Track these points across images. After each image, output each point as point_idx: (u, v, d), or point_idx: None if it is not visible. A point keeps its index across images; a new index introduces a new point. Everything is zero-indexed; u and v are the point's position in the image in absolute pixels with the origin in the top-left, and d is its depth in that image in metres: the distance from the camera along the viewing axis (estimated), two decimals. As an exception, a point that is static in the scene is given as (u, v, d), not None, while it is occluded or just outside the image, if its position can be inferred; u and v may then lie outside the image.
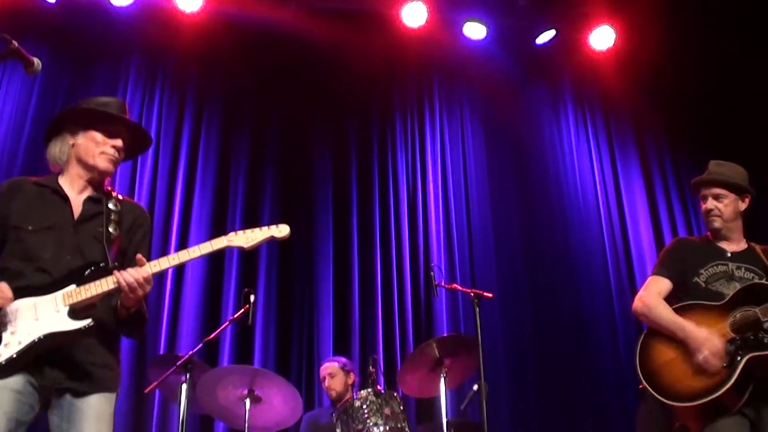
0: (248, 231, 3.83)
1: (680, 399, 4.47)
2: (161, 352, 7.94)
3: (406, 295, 8.97)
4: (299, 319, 8.76)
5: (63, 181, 3.92)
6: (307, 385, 8.35)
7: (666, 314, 4.73)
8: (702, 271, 4.82)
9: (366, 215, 9.30)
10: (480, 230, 9.50)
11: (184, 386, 5.86)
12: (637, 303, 4.91)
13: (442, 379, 6.25)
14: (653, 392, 4.55)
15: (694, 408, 4.43)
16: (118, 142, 3.93)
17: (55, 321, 3.57)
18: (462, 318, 8.80)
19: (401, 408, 5.94)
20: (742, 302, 4.58)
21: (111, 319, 3.77)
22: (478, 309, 6.13)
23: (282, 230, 3.86)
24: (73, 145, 3.92)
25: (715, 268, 4.82)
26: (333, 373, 7.25)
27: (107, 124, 3.91)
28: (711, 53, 9.56)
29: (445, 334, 8.11)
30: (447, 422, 6.12)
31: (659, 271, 4.98)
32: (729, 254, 4.89)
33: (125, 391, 7.64)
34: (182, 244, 8.46)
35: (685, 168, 10.19)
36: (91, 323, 3.59)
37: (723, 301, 4.64)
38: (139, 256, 3.68)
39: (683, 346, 4.57)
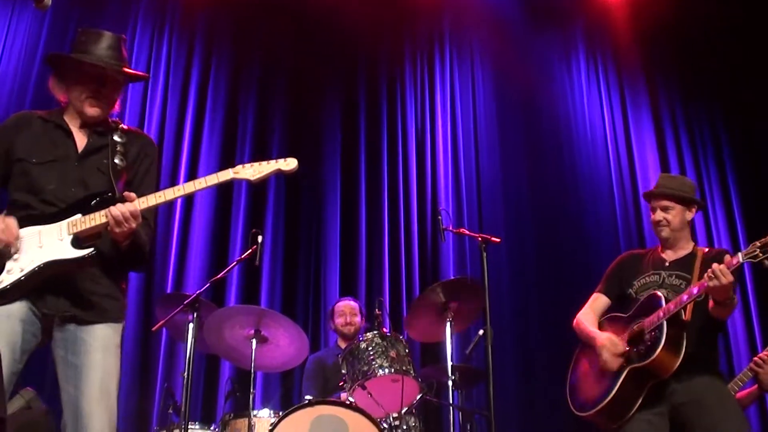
0: (255, 164, 3.82)
1: (584, 409, 4.94)
2: (168, 291, 7.97)
3: (413, 238, 8.99)
4: (306, 261, 8.80)
5: (67, 116, 3.91)
6: (314, 326, 8.42)
7: (584, 327, 5.16)
8: (635, 282, 5.12)
9: (374, 159, 9.30)
10: (488, 176, 9.49)
11: (191, 325, 5.85)
12: (574, 322, 5.30)
13: (448, 324, 6.26)
14: (569, 402, 5.11)
15: (595, 415, 4.86)
16: (104, 89, 3.88)
17: (58, 249, 3.59)
18: (469, 262, 8.83)
19: (407, 351, 5.94)
20: (641, 314, 4.87)
21: (115, 250, 3.76)
22: (485, 254, 6.11)
23: (289, 163, 3.85)
24: (66, 90, 3.90)
25: (648, 278, 5.09)
26: (355, 312, 7.32)
27: (92, 70, 3.84)
28: (723, 2, 9.48)
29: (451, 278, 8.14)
30: (452, 366, 6.15)
31: (599, 287, 5.34)
32: (668, 263, 5.11)
33: (132, 329, 7.71)
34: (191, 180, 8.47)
35: (696, 117, 10.15)
36: (93, 252, 3.60)
37: (628, 313, 4.99)
38: (127, 193, 3.66)
39: (596, 356, 4.94)
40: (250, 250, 6.17)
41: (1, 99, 8.18)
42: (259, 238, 6.14)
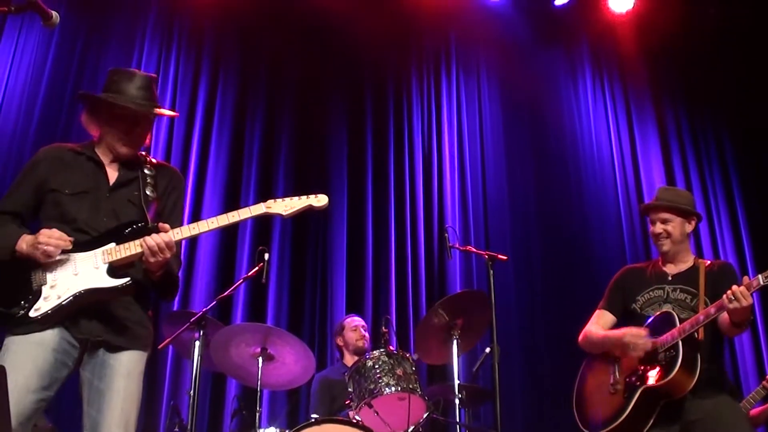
0: (287, 199, 3.88)
1: (593, 427, 4.86)
2: (175, 308, 7.95)
3: (419, 256, 8.98)
4: (312, 278, 8.78)
5: (99, 149, 3.98)
6: (320, 344, 8.40)
7: (597, 334, 5.09)
8: (639, 297, 5.05)
9: (381, 175, 9.30)
10: (495, 192, 9.49)
11: (197, 343, 5.86)
12: (580, 337, 5.25)
13: (455, 342, 6.25)
14: (577, 419, 5.02)
15: None
16: (136, 128, 3.95)
17: (95, 277, 3.66)
18: (475, 280, 8.83)
19: (413, 368, 5.92)
20: (653, 332, 4.80)
21: (148, 279, 3.83)
22: (492, 271, 6.11)
23: (321, 200, 3.95)
24: (99, 127, 3.97)
25: (652, 293, 5.02)
26: (366, 327, 7.33)
27: (125, 111, 3.90)
28: (728, 16, 9.48)
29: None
30: (459, 384, 6.14)
31: (602, 304, 5.26)
32: (670, 277, 5.05)
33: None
34: (196, 204, 8.50)
35: (702, 132, 10.17)
36: (130, 281, 3.68)
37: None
38: (161, 224, 3.72)
39: (606, 373, 4.95)
40: (257, 268, 6.17)
41: (9, 116, 8.21)
42: (266, 256, 6.14)
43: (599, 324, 5.18)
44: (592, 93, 10.32)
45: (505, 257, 6.29)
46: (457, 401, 6.09)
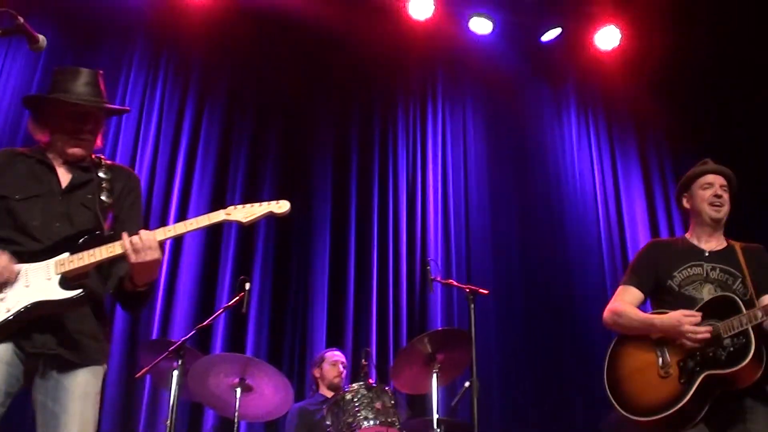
0: (247, 205, 3.78)
1: (639, 412, 4.41)
2: (154, 336, 7.90)
3: (401, 289, 8.96)
4: (293, 309, 8.73)
5: (50, 153, 3.86)
6: (299, 376, 8.33)
7: (636, 315, 4.64)
8: (676, 273, 4.67)
9: (364, 207, 9.28)
10: (478, 226, 9.49)
11: (176, 372, 5.82)
12: (606, 314, 4.78)
13: (435, 375, 6.23)
14: (614, 403, 4.53)
15: (653, 423, 4.35)
16: (86, 126, 3.85)
17: (46, 289, 3.51)
18: (456, 314, 8.81)
19: (392, 402, 5.91)
20: (709, 314, 4.42)
21: (102, 290, 3.74)
22: (473, 305, 6.11)
23: (282, 206, 3.79)
24: (47, 130, 3.87)
25: (689, 269, 4.67)
26: (345, 363, 7.30)
27: (72, 109, 3.81)
28: (716, 56, 9.55)
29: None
30: (438, 419, 6.10)
31: (629, 279, 4.86)
32: (707, 254, 4.72)
33: (115, 375, 7.62)
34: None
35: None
36: (82, 293, 3.53)
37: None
38: (124, 233, 3.59)
39: (652, 354, 4.51)
40: (238, 297, 6.15)
41: (-6, 140, 8.16)
42: (247, 285, 6.12)
43: (629, 302, 4.73)
44: (576, 129, 10.36)
45: (486, 291, 6.28)
46: (436, 435, 6.05)
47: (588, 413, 8.72)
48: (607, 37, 10.17)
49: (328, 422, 5.91)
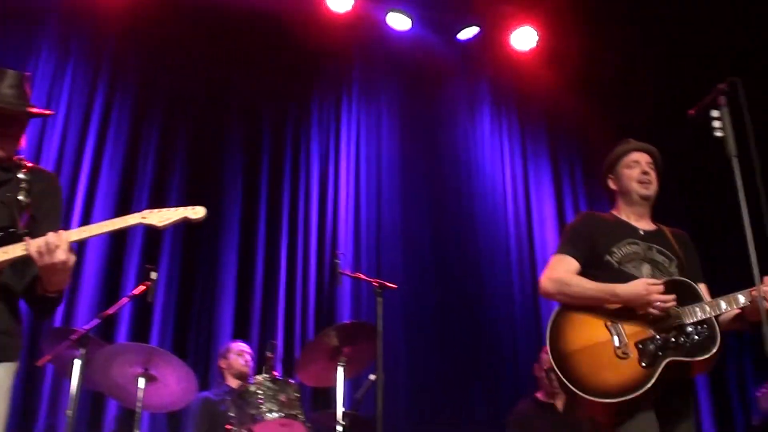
0: (163, 210, 3.77)
1: (596, 393, 4.05)
2: (56, 324, 7.76)
3: (310, 281, 8.94)
4: (200, 300, 8.65)
5: None
6: (204, 367, 8.25)
7: (589, 283, 4.33)
8: (615, 249, 4.45)
9: (275, 198, 9.23)
10: (389, 221, 9.53)
11: (78, 361, 5.72)
12: (547, 283, 4.47)
13: (341, 369, 6.23)
14: (564, 380, 4.13)
15: (614, 405, 4.03)
16: (9, 130, 3.80)
17: None
18: (364, 308, 8.82)
19: (297, 395, 5.92)
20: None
21: (18, 287, 3.68)
22: (380, 299, 6.14)
23: (198, 212, 3.79)
24: None
25: (628, 246, 4.46)
26: (251, 353, 7.28)
27: None
28: (628, 58, 9.71)
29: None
30: (342, 412, 6.11)
31: (565, 249, 4.57)
32: (641, 232, 4.55)
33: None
34: (86, 219, 8.28)
35: (594, 171, 10.36)
36: None
37: None
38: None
39: (604, 331, 4.19)
40: (143, 287, 6.08)
41: None
42: (153, 275, 6.05)
43: (569, 272, 4.45)
44: (489, 127, 10.47)
45: (394, 286, 6.33)
46: (339, 429, 6.05)
47: (493, 408, 8.84)
48: (524, 38, 10.28)
49: (231, 413, 5.89)
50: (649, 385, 3.99)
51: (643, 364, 4.07)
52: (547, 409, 6.97)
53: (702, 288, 4.38)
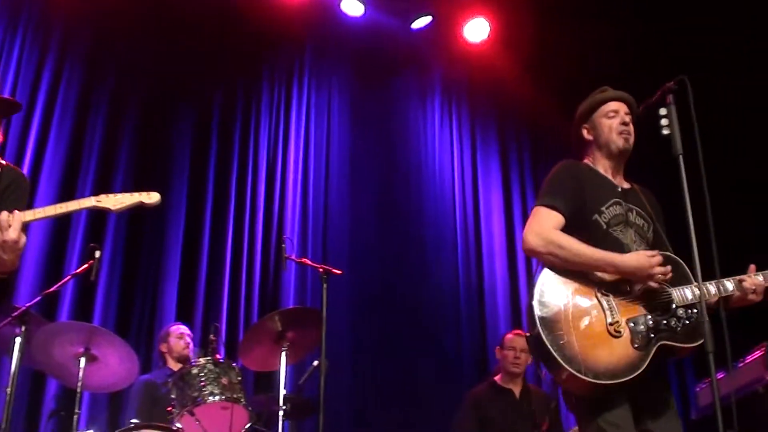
0: (118, 195, 3.78)
1: (586, 371, 3.68)
2: (-2, 301, 7.67)
3: (255, 265, 8.91)
4: (144, 280, 8.58)
5: None
6: (146, 349, 8.20)
7: (586, 249, 3.90)
8: (604, 208, 4.08)
9: (223, 180, 9.17)
10: (336, 207, 9.53)
11: (18, 339, 5.67)
12: (535, 239, 3.99)
13: (283, 353, 6.25)
14: (552, 351, 3.72)
15: (597, 385, 3.71)
16: None
17: None
18: (309, 293, 8.82)
19: (239, 379, 5.92)
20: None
21: None
22: (325, 285, 6.17)
23: (152, 197, 3.83)
24: None
25: (614, 207, 4.11)
26: (191, 335, 7.25)
27: None
28: (580, 54, 9.79)
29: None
30: (284, 396, 6.12)
31: (551, 200, 4.08)
32: (620, 189, 4.21)
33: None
34: (30, 197, 8.16)
35: (543, 168, 10.46)
36: None
37: None
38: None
39: (596, 303, 3.86)
40: (87, 265, 6.02)
41: None
42: (97, 254, 5.99)
43: (557, 229, 4.02)
44: (439, 118, 10.52)
45: (339, 272, 6.37)
46: (281, 413, 6.07)
47: (437, 395, 8.91)
48: (477, 30, 10.32)
49: (173, 395, 5.88)
50: (641, 369, 3.73)
51: (636, 346, 3.79)
52: (504, 394, 7.04)
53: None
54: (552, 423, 6.83)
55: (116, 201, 3.77)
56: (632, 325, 3.82)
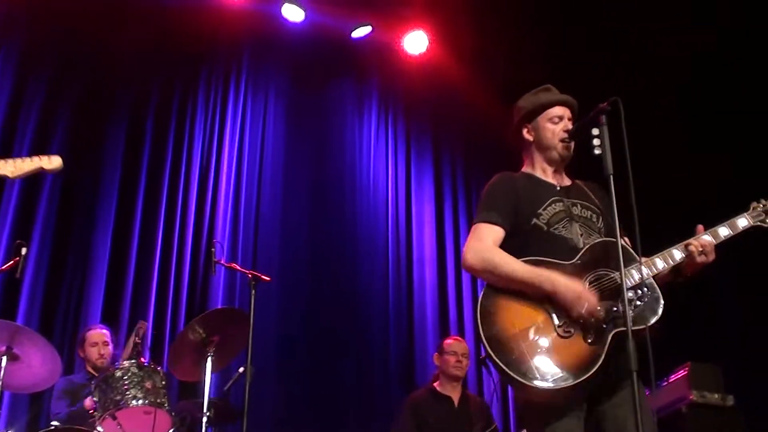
0: (18, 159, 3.65)
1: (545, 380, 3.62)
2: None
3: (184, 268, 8.82)
4: (70, 280, 8.44)
5: None
6: (69, 349, 8.08)
7: (521, 266, 3.84)
8: (541, 210, 4.03)
9: (155, 181, 9.06)
10: (268, 213, 9.49)
11: (-63, 336, 5.59)
12: (473, 258, 3.94)
13: (209, 359, 6.19)
14: (505, 368, 3.65)
15: (551, 392, 3.63)
16: None
17: None
18: (238, 299, 8.75)
19: (163, 383, 5.88)
20: (594, 263, 3.87)
21: None
22: (254, 291, 6.15)
23: (53, 161, 3.70)
24: None
25: (553, 206, 4.06)
26: (107, 341, 7.10)
27: None
28: (518, 69, 9.88)
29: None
30: (209, 401, 6.08)
31: (487, 216, 4.04)
32: (558, 188, 4.17)
33: None
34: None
35: (475, 181, 10.58)
36: None
37: (574, 260, 3.88)
38: None
39: (540, 310, 3.78)
40: (12, 262, 5.95)
41: None
42: (23, 250, 5.93)
43: (496, 243, 3.97)
44: (375, 129, 10.55)
45: (268, 278, 6.35)
46: (204, 419, 6.01)
47: (362, 404, 8.94)
48: (415, 42, 10.39)
49: (95, 398, 5.81)
50: (600, 362, 3.62)
51: (589, 341, 3.70)
52: (443, 400, 7.12)
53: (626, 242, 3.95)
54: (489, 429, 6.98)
55: (15, 167, 3.63)
56: (582, 321, 3.73)
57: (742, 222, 4.05)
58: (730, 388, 7.00)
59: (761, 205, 4.11)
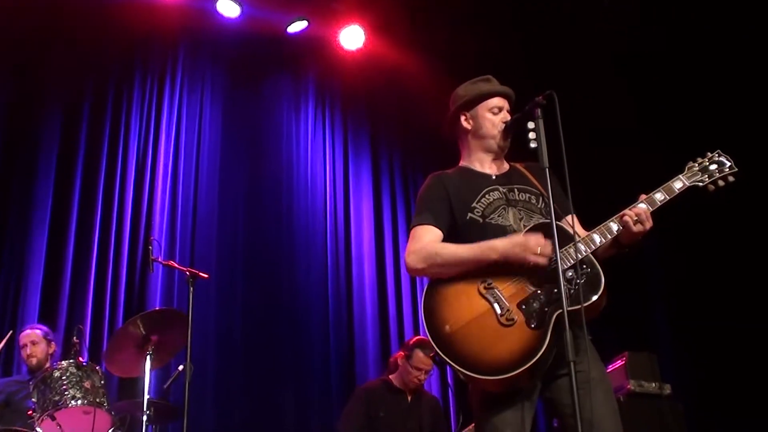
0: None
1: (489, 371, 3.66)
2: None
3: (121, 266, 8.73)
4: (6, 280, 8.31)
5: None
6: (6, 351, 7.97)
7: (462, 247, 3.90)
8: (475, 204, 4.05)
9: (90, 179, 8.94)
10: (205, 209, 9.43)
11: None
12: (413, 259, 3.99)
13: (148, 357, 6.16)
14: (455, 365, 3.70)
15: (510, 379, 3.64)
16: None
17: None
18: (176, 296, 8.71)
19: (102, 382, 5.85)
20: None
21: None
22: (192, 288, 6.13)
23: None
24: None
25: (488, 196, 4.07)
26: (35, 341, 7.03)
27: None
28: (452, 65, 9.95)
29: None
30: (148, 400, 6.05)
31: (423, 218, 4.09)
32: (494, 177, 4.18)
33: None
34: None
35: (413, 174, 10.64)
36: None
37: None
38: None
39: (482, 301, 3.79)
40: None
41: None
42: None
43: (434, 242, 4.00)
44: (313, 124, 10.53)
45: (206, 275, 6.34)
46: (144, 418, 5.99)
47: (301, 403, 8.95)
48: (351, 37, 10.38)
49: (33, 399, 5.77)
50: (545, 346, 3.61)
51: (532, 326, 3.70)
52: (396, 394, 7.17)
53: (571, 221, 3.99)
54: (438, 426, 7.11)
55: None
56: (524, 307, 3.75)
57: (677, 184, 4.00)
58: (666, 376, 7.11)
59: (697, 164, 4.06)
